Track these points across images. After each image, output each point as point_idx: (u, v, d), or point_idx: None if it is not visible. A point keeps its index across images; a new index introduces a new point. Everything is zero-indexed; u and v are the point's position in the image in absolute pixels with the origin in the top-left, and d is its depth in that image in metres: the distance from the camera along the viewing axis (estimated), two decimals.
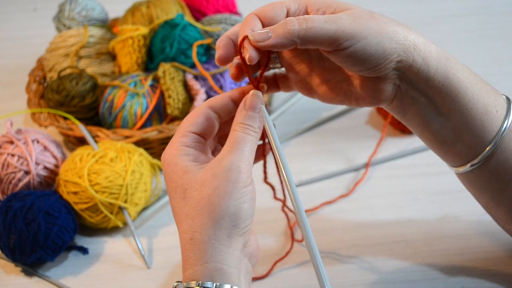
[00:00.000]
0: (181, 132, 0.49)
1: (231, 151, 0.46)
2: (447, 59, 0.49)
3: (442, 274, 0.63)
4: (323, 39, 0.45)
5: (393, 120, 0.84)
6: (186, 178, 0.46)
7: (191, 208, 0.46)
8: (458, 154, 0.53)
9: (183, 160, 0.47)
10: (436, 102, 0.50)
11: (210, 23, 0.89)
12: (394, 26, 0.48)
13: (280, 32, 0.45)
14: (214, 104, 0.50)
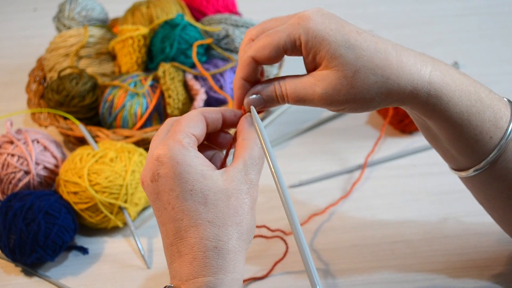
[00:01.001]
0: (184, 132, 0.47)
1: (250, 167, 0.48)
2: (438, 98, 0.48)
3: (442, 274, 0.63)
4: (305, 105, 0.50)
5: (392, 120, 0.84)
6: (206, 184, 0.45)
7: (216, 216, 0.45)
8: (456, 161, 0.53)
9: (196, 163, 0.46)
10: (429, 126, 0.52)
11: (210, 23, 0.89)
12: (378, 86, 0.47)
13: (271, 101, 0.51)
14: (208, 114, 0.50)
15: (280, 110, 0.91)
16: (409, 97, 0.48)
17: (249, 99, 0.51)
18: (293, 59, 0.98)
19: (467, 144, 0.50)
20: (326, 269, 0.65)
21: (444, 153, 0.54)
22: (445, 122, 0.49)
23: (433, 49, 1.06)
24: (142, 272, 0.67)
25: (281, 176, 0.46)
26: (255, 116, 0.50)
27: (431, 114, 0.49)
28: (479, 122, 0.49)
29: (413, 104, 0.48)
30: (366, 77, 0.46)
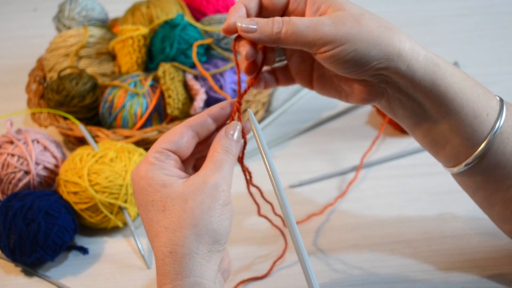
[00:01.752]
0: (155, 149, 0.49)
1: (215, 171, 0.47)
2: (435, 65, 0.49)
3: (442, 274, 0.63)
4: (303, 44, 0.48)
5: (392, 119, 0.84)
6: (165, 192, 0.46)
7: (171, 221, 0.46)
8: (448, 155, 0.53)
9: (159, 174, 0.47)
10: (424, 105, 0.51)
11: (210, 23, 0.89)
12: (380, 31, 0.48)
13: (264, 30, 0.48)
14: (193, 122, 0.51)
15: (280, 110, 0.91)
16: (408, 54, 0.48)
17: (242, 23, 0.49)
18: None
19: (467, 120, 0.50)
20: (326, 269, 0.65)
21: (441, 147, 0.53)
22: (445, 94, 0.49)
23: (433, 49, 1.05)
24: (142, 272, 0.67)
25: (279, 179, 0.46)
26: (252, 118, 0.50)
27: (431, 83, 0.49)
28: (475, 96, 0.50)
29: (413, 65, 0.48)
30: (371, 20, 0.48)
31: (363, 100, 0.53)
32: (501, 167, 0.51)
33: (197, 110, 0.79)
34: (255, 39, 0.49)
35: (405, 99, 0.51)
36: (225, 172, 0.48)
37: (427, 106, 0.51)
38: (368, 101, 0.53)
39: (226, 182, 0.47)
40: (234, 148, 0.50)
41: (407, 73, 0.49)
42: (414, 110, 0.52)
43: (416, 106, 0.51)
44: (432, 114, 0.51)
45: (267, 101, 0.92)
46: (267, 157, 0.48)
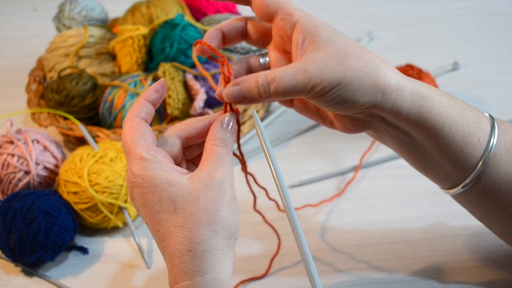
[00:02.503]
0: (137, 146, 0.47)
1: (218, 165, 0.47)
2: (422, 98, 0.49)
3: (442, 274, 0.63)
4: (291, 96, 0.48)
5: None
6: (173, 191, 0.46)
7: (186, 219, 0.45)
8: (442, 179, 0.54)
9: (161, 173, 0.46)
10: (413, 135, 0.51)
11: (210, 23, 0.89)
12: (365, 71, 0.47)
13: (252, 96, 0.48)
14: (138, 111, 0.50)
15: (280, 110, 0.91)
16: (394, 90, 0.48)
17: (227, 90, 0.49)
18: None
19: (458, 148, 0.50)
20: (326, 269, 0.65)
21: (434, 171, 0.54)
22: (433, 125, 0.49)
23: (433, 49, 1.06)
24: (142, 272, 0.67)
25: (282, 179, 0.46)
26: (256, 118, 0.50)
27: (418, 117, 0.49)
28: (465, 123, 0.50)
29: (398, 102, 0.48)
30: (356, 59, 0.47)
31: (348, 130, 0.54)
32: (496, 188, 0.51)
33: (197, 110, 0.79)
34: (246, 103, 0.49)
35: (392, 130, 0.51)
36: (228, 166, 0.48)
37: (415, 136, 0.51)
38: (353, 132, 0.54)
39: (230, 176, 0.47)
40: (230, 139, 0.50)
41: (392, 109, 0.49)
42: (402, 140, 0.52)
43: (404, 136, 0.51)
44: (422, 143, 0.51)
45: None
46: (271, 157, 0.48)
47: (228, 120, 0.50)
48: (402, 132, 0.51)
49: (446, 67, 0.98)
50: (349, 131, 0.54)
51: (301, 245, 0.45)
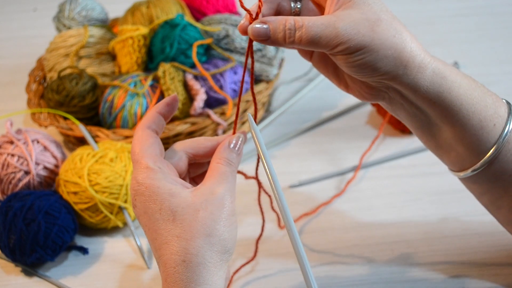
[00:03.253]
0: (145, 155, 0.49)
1: (221, 182, 0.48)
2: (443, 78, 0.49)
3: (442, 274, 0.63)
4: (314, 47, 0.48)
5: (392, 119, 0.84)
6: (174, 201, 0.46)
7: (183, 230, 0.46)
8: (453, 161, 0.53)
9: (165, 184, 0.47)
10: (428, 113, 0.51)
11: (210, 23, 0.89)
12: (393, 42, 0.47)
13: (277, 38, 0.48)
14: (150, 122, 0.51)
15: (280, 110, 0.91)
16: (416, 66, 0.48)
17: (253, 26, 0.48)
18: (292, 59, 0.98)
19: (472, 131, 0.50)
20: (326, 269, 0.65)
21: (445, 152, 0.53)
22: (451, 106, 0.49)
23: (433, 49, 1.06)
24: (142, 272, 0.67)
25: (277, 180, 0.46)
26: (251, 121, 0.50)
27: (436, 96, 0.49)
28: (482, 107, 0.50)
29: (418, 79, 0.48)
30: (387, 28, 0.47)
31: (362, 97, 0.53)
32: (507, 175, 0.51)
33: (197, 110, 0.79)
34: (268, 44, 0.49)
35: (407, 105, 0.51)
36: (230, 184, 0.49)
37: (431, 115, 0.50)
38: (367, 100, 0.53)
39: (231, 193, 0.48)
40: (236, 160, 0.51)
41: (411, 84, 0.49)
42: (417, 116, 0.52)
43: (419, 113, 0.51)
44: (436, 123, 0.51)
45: (267, 101, 0.92)
46: (267, 162, 0.48)
47: (236, 141, 0.51)
48: (417, 108, 0.51)
49: None
50: (362, 97, 0.53)
51: (296, 246, 0.45)
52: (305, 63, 1.03)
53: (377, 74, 0.48)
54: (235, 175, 0.50)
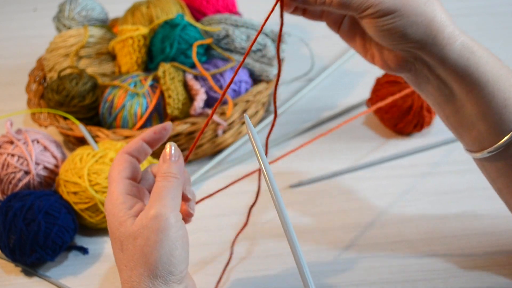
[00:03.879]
0: (115, 180, 0.51)
1: (156, 201, 0.48)
2: (471, 53, 0.49)
3: (442, 274, 0.63)
4: (345, 10, 0.48)
5: (388, 124, 0.84)
6: (122, 231, 0.48)
7: (128, 259, 0.47)
8: (473, 140, 0.52)
9: (119, 210, 0.49)
10: (453, 88, 0.50)
11: (210, 23, 0.89)
12: (424, 9, 0.47)
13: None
14: (129, 149, 0.53)
15: (280, 110, 0.91)
16: (446, 37, 0.48)
17: None
18: (292, 59, 0.98)
19: (496, 109, 0.49)
20: (326, 269, 0.65)
21: (466, 130, 0.52)
22: (476, 82, 0.49)
23: None
24: None
25: (273, 180, 0.46)
26: (248, 122, 0.50)
27: (463, 70, 0.48)
28: (508, 86, 0.49)
29: (447, 50, 0.48)
30: None
31: (388, 68, 0.52)
32: None
33: (197, 110, 0.79)
34: (298, 5, 0.49)
35: (433, 78, 0.50)
36: (166, 199, 0.48)
37: (455, 89, 0.50)
38: (393, 71, 0.52)
39: (168, 208, 0.48)
40: (174, 169, 0.51)
41: (439, 55, 0.48)
42: (442, 90, 0.51)
43: (444, 87, 0.50)
44: (460, 98, 0.50)
45: (267, 101, 0.92)
46: (263, 161, 0.48)
47: (164, 153, 0.52)
48: (442, 82, 0.50)
49: None
50: (388, 68, 0.53)
51: (294, 246, 0.45)
52: (305, 63, 1.03)
53: (406, 42, 0.48)
54: (175, 184, 0.50)
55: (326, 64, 1.04)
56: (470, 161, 0.79)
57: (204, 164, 0.82)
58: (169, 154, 0.52)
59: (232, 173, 0.81)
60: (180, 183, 0.50)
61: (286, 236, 0.46)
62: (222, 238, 0.70)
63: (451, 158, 0.80)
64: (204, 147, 0.83)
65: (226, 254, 0.67)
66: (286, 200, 0.75)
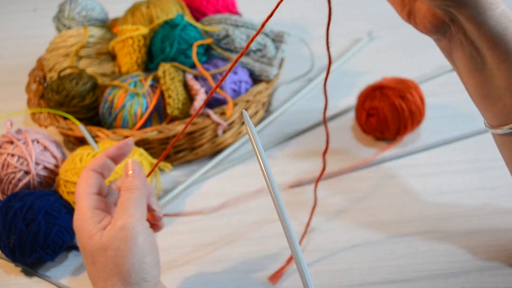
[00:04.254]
0: (82, 196, 0.53)
1: (121, 212, 0.51)
2: (510, 22, 0.48)
3: (442, 274, 0.63)
4: None
5: (366, 126, 0.84)
6: (92, 244, 0.50)
7: (101, 271, 0.50)
8: (497, 114, 0.51)
9: (88, 224, 0.51)
10: (485, 56, 0.49)
11: (210, 23, 0.89)
12: None
13: None
14: (94, 166, 0.56)
15: (280, 110, 0.91)
16: (488, 2, 0.47)
17: None
18: (292, 59, 0.98)
19: None
20: (326, 269, 0.65)
21: (491, 102, 0.51)
22: (511, 52, 0.48)
23: (433, 49, 1.06)
24: None
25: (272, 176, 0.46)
26: (247, 118, 0.50)
27: (499, 38, 0.47)
28: None
29: (486, 15, 0.47)
30: None
31: (423, 28, 0.52)
32: None
33: (197, 110, 0.79)
34: None
35: (467, 43, 0.50)
36: (131, 210, 0.51)
37: (488, 57, 0.49)
38: (427, 31, 0.52)
39: (134, 217, 0.51)
40: (137, 181, 0.54)
41: (477, 20, 0.47)
42: (474, 58, 0.50)
43: (477, 54, 0.50)
44: (491, 67, 0.49)
45: (267, 101, 0.92)
46: (262, 158, 0.48)
47: (126, 168, 0.55)
48: (476, 49, 0.49)
49: (446, 67, 0.99)
50: (423, 28, 0.52)
51: (293, 246, 0.45)
52: (305, 63, 1.03)
53: (447, 1, 0.47)
54: (139, 196, 0.53)
55: (326, 64, 1.03)
56: (470, 161, 0.79)
57: (204, 164, 0.82)
58: (130, 168, 0.55)
59: (232, 173, 0.81)
60: (144, 193, 0.53)
61: (286, 236, 0.45)
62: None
63: (451, 158, 0.80)
64: (204, 147, 0.83)
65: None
66: (285, 200, 0.75)
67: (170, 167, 0.77)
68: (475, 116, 0.88)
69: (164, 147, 0.81)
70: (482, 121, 0.55)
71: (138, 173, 0.55)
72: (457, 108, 0.89)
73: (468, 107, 0.89)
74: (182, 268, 0.67)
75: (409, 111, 0.80)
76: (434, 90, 0.93)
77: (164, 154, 0.57)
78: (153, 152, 0.81)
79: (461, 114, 0.88)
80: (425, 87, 0.94)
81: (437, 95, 0.91)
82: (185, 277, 0.65)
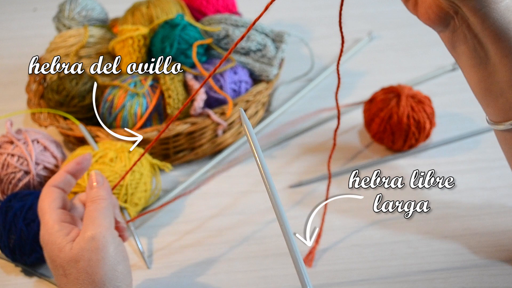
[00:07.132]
0: (47, 211, 0.54)
1: (89, 223, 0.52)
2: None
3: (442, 274, 0.63)
4: None
5: (378, 136, 0.83)
6: (62, 257, 0.51)
7: (73, 283, 0.50)
8: (499, 109, 0.51)
9: (57, 238, 0.52)
10: (488, 50, 0.49)
11: (210, 23, 0.89)
12: None
13: None
14: (55, 182, 0.57)
15: (280, 110, 0.91)
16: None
17: None
18: (292, 59, 0.98)
19: None
20: (326, 269, 0.65)
21: (494, 98, 0.51)
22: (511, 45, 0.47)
23: (433, 49, 1.06)
24: (142, 272, 0.67)
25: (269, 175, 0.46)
26: (243, 116, 0.49)
27: (502, 31, 0.47)
28: None
29: (490, 8, 0.47)
30: None
31: (428, 19, 0.52)
32: None
33: (197, 110, 0.79)
34: None
35: (471, 36, 0.49)
36: (99, 220, 0.52)
37: (491, 52, 0.49)
38: (431, 22, 0.52)
39: (103, 227, 0.52)
40: (102, 192, 0.55)
41: (481, 12, 0.47)
42: (477, 52, 0.50)
43: (480, 48, 0.49)
44: (494, 62, 0.49)
45: (267, 101, 0.92)
46: (259, 157, 0.47)
47: (90, 180, 0.57)
48: (479, 43, 0.49)
49: (446, 67, 0.99)
50: (427, 19, 0.52)
51: (291, 246, 0.45)
52: (305, 63, 1.03)
53: None
54: (105, 205, 0.54)
55: (326, 64, 1.04)
56: (470, 161, 0.79)
57: (204, 164, 0.82)
58: (94, 180, 0.57)
59: (232, 173, 0.81)
60: (110, 203, 0.55)
61: (284, 235, 0.45)
62: None
63: (451, 158, 0.80)
64: (204, 147, 0.83)
65: None
66: (286, 200, 0.75)
67: (170, 167, 0.77)
68: (475, 116, 0.88)
69: (164, 147, 0.81)
70: (482, 121, 0.55)
71: (102, 184, 0.56)
72: (457, 108, 0.89)
73: (468, 107, 0.89)
74: (182, 268, 0.67)
75: (420, 134, 0.79)
76: (434, 90, 0.93)
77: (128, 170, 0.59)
78: (153, 152, 0.81)
79: (461, 114, 0.88)
80: (425, 87, 0.94)
81: (437, 95, 0.91)
82: (185, 277, 0.65)
